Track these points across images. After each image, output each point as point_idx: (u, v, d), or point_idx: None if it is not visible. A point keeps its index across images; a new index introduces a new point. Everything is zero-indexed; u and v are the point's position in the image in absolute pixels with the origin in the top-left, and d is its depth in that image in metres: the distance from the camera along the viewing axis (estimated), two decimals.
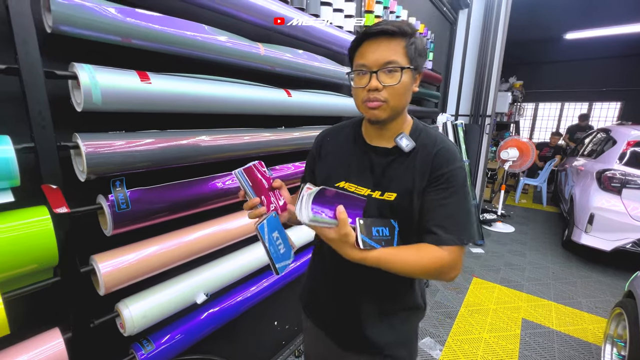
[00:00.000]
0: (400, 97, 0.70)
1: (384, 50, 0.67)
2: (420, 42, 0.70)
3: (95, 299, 0.89)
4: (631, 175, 2.89)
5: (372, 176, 0.75)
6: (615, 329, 1.72)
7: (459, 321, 2.26)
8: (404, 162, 0.74)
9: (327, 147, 0.85)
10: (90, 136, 0.78)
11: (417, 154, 0.73)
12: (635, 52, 7.47)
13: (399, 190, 0.72)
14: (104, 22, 0.76)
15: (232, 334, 1.44)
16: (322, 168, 0.85)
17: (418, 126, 0.78)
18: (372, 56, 0.68)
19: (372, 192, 0.74)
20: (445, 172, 0.70)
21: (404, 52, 0.67)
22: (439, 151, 0.72)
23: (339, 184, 0.79)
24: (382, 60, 0.67)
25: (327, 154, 0.85)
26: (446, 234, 0.68)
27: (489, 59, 3.80)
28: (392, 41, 0.67)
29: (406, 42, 0.68)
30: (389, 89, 0.68)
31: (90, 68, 0.75)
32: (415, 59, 0.69)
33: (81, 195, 0.86)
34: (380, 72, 0.67)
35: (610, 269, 3.13)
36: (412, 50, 0.68)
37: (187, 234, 1.06)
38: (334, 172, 0.81)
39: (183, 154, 0.97)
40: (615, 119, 8.42)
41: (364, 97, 0.70)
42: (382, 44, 0.67)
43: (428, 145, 0.73)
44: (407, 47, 0.68)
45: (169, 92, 0.90)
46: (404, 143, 0.73)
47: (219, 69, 1.14)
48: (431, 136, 0.76)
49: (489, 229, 4.15)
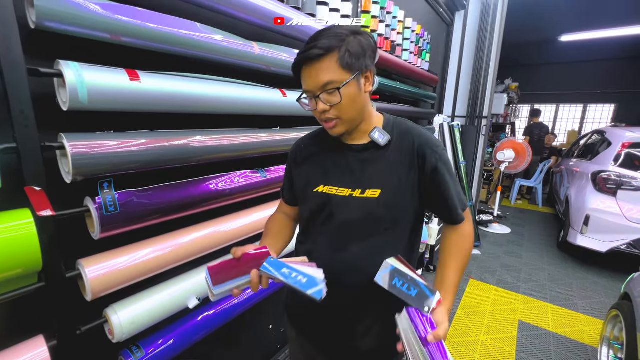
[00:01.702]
0: (351, 109, 0.70)
1: (318, 74, 0.66)
2: (357, 43, 0.67)
3: (82, 304, 0.86)
4: (626, 177, 2.90)
5: (351, 176, 0.75)
6: (612, 331, 1.72)
7: (456, 323, 2.24)
8: (382, 156, 0.74)
9: (302, 153, 0.84)
10: (76, 136, 0.75)
11: (396, 147, 0.74)
12: (629, 55, 7.55)
13: (382, 185, 0.72)
14: (92, 18, 0.74)
15: (227, 338, 1.41)
16: (299, 176, 0.83)
17: (389, 120, 0.80)
18: (309, 82, 0.68)
19: (353, 192, 0.73)
20: (435, 159, 0.73)
21: (337, 67, 0.66)
22: (420, 141, 0.74)
23: (318, 189, 0.77)
24: (318, 84, 0.67)
25: (303, 160, 0.83)
26: (458, 210, 0.76)
27: (485, 60, 3.81)
28: (323, 62, 0.66)
29: (338, 54, 0.65)
30: (336, 107, 0.68)
31: (76, 66, 0.72)
32: (354, 63, 0.67)
33: (68, 197, 0.83)
34: (322, 95, 0.68)
35: (606, 270, 3.14)
36: (347, 58, 0.66)
37: (180, 236, 1.04)
38: (312, 177, 0.80)
39: (175, 155, 0.95)
40: (609, 121, 8.50)
41: (318, 118, 0.72)
42: (315, 68, 0.66)
43: (406, 138, 0.75)
44: (339, 60, 0.65)
45: (159, 92, 0.87)
46: (379, 137, 0.74)
47: (212, 68, 1.12)
48: (404, 127, 0.78)
49: (486, 230, 4.15)
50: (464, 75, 4.03)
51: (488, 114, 3.95)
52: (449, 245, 0.78)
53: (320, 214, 0.78)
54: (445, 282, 0.74)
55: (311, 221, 0.81)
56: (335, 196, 0.75)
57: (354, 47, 0.67)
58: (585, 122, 9.04)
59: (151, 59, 0.96)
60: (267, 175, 1.34)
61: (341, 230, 0.76)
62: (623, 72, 7.96)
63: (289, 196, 0.90)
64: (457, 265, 0.76)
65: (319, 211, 0.78)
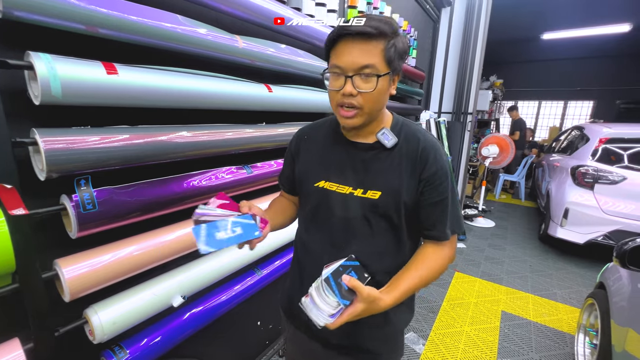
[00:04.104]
0: (376, 103, 0.67)
1: (361, 54, 0.62)
2: (402, 42, 0.65)
3: (61, 305, 0.83)
4: (603, 171, 3.02)
5: (353, 174, 0.73)
6: (588, 319, 1.80)
7: (442, 315, 2.30)
8: (387, 158, 0.71)
9: (305, 145, 0.83)
10: (50, 132, 0.72)
11: (401, 150, 0.71)
12: (607, 54, 7.83)
13: (383, 188, 0.70)
14: (63, 8, 0.70)
15: (214, 335, 1.40)
16: (301, 168, 0.82)
17: (398, 121, 0.76)
18: (347, 58, 0.63)
19: (354, 191, 0.71)
20: (436, 169, 0.69)
21: (382, 55, 0.63)
22: (425, 148, 0.70)
23: (319, 184, 0.76)
24: (358, 65, 0.62)
25: (305, 152, 0.82)
26: (445, 230, 0.71)
27: (471, 57, 3.87)
28: (370, 43, 0.62)
29: (385, 44, 0.63)
30: (364, 95, 0.64)
31: (48, 57, 0.69)
32: (394, 61, 0.65)
33: (43, 195, 0.80)
34: (355, 77, 0.63)
35: (584, 261, 3.27)
36: (392, 52, 0.63)
37: (163, 234, 1.02)
38: (313, 171, 0.78)
39: (156, 151, 0.92)
40: (588, 117, 8.80)
41: (338, 101, 0.67)
42: (359, 46, 0.62)
43: (411, 141, 0.71)
44: (386, 50, 0.63)
45: (138, 85, 0.84)
46: (387, 139, 0.70)
47: (192, 61, 1.09)
48: (413, 131, 0.74)
49: (471, 224, 4.25)
50: (450, 72, 4.09)
51: (473, 110, 4.03)
52: (422, 255, 0.72)
53: (319, 210, 0.77)
54: (399, 281, 0.68)
55: (310, 215, 0.80)
56: (335, 193, 0.73)
57: (400, 44, 0.64)
58: (565, 119, 9.33)
59: (131, 52, 0.93)
60: (252, 171, 1.33)
61: (339, 228, 0.74)
62: (601, 70, 8.25)
63: (288, 186, 0.89)
64: (419, 274, 0.69)
65: (318, 206, 0.77)
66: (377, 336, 0.78)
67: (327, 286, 0.59)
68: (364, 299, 0.59)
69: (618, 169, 2.98)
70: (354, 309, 0.59)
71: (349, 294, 0.59)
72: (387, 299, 0.63)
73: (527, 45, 7.72)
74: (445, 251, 0.73)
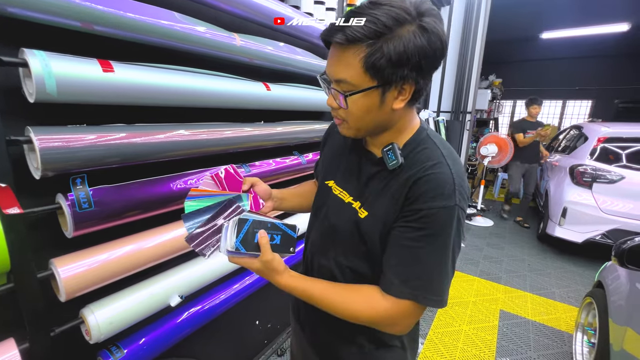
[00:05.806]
0: (360, 121, 0.57)
1: (336, 64, 0.52)
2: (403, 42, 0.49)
3: (57, 305, 0.82)
4: (601, 170, 3.02)
5: (357, 184, 0.68)
6: (586, 318, 1.80)
7: (440, 314, 2.30)
8: (385, 179, 0.62)
9: (330, 140, 0.82)
10: (45, 130, 0.72)
11: (401, 175, 0.59)
12: (605, 54, 7.83)
13: (371, 211, 0.62)
14: (58, 4, 0.69)
15: (213, 334, 1.39)
16: (323, 160, 0.83)
17: (417, 138, 0.62)
18: (328, 68, 0.55)
19: (353, 202, 0.67)
20: (420, 208, 0.55)
21: (360, 65, 0.49)
22: (422, 179, 0.56)
23: (329, 183, 0.75)
24: (332, 77, 0.54)
25: (329, 147, 0.82)
26: (400, 284, 0.56)
27: (470, 56, 3.86)
28: (346, 51, 0.50)
29: (366, 51, 0.48)
30: (343, 110, 0.56)
31: (43, 55, 0.68)
32: (385, 70, 0.50)
33: (39, 194, 0.79)
34: (332, 89, 0.55)
35: (582, 260, 3.28)
36: (376, 60, 0.49)
37: (160, 233, 1.01)
38: (328, 168, 0.78)
39: (153, 150, 0.91)
40: (586, 117, 8.82)
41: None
42: (337, 54, 0.52)
43: (415, 167, 0.58)
44: (367, 58, 0.49)
45: (134, 83, 0.84)
46: (389, 158, 0.60)
47: (189, 59, 1.08)
48: (427, 155, 0.59)
49: (470, 223, 4.26)
50: (449, 71, 4.08)
51: (472, 109, 4.03)
52: (357, 287, 0.62)
53: (321, 206, 0.76)
54: (314, 281, 0.63)
55: (314, 208, 0.79)
56: (337, 197, 0.71)
57: (395, 48, 0.48)
58: (564, 118, 9.35)
59: (128, 49, 0.92)
60: (250, 170, 1.32)
61: (329, 232, 0.72)
62: (600, 69, 8.26)
63: (317, 172, 0.89)
64: (334, 297, 0.60)
65: (320, 202, 0.76)
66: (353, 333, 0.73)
67: (238, 227, 0.57)
68: (262, 262, 0.58)
69: (616, 168, 2.99)
70: (251, 263, 0.59)
71: (254, 247, 0.58)
72: (283, 279, 0.60)
73: (526, 45, 7.72)
74: (381, 304, 0.57)
